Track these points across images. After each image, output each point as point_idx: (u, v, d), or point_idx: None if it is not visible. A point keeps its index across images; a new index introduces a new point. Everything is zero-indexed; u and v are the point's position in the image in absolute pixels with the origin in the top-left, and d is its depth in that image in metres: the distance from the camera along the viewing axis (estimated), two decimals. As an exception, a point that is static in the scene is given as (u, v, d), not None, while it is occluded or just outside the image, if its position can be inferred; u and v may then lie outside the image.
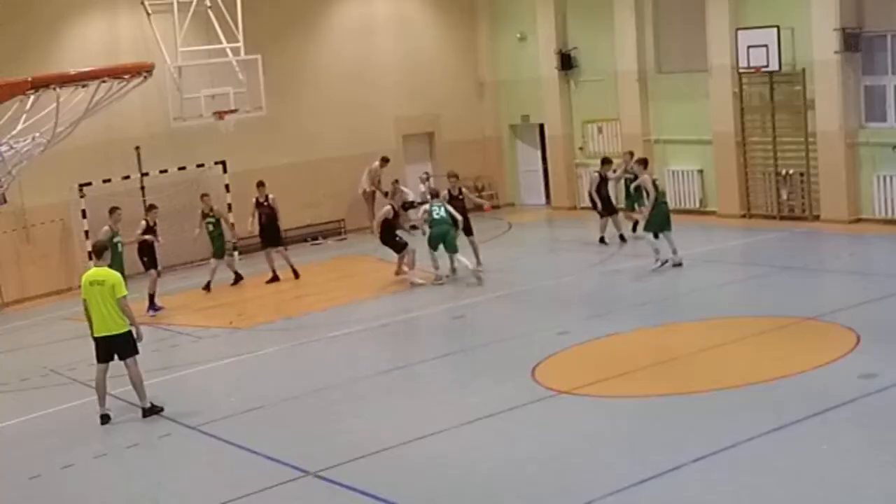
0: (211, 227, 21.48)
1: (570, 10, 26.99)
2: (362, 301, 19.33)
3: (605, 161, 23.10)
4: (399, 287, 20.11)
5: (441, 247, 19.68)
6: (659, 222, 19.24)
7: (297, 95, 25.97)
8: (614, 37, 25.74)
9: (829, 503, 9.32)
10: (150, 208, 20.82)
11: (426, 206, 20.24)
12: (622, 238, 22.21)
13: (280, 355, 16.49)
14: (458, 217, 20.15)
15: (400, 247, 20.24)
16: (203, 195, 21.91)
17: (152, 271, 20.11)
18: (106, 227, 18.92)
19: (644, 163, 20.21)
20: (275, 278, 21.59)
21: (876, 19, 21.61)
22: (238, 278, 21.84)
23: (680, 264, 19.03)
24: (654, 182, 19.54)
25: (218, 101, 23.22)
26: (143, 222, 20.23)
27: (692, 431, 11.11)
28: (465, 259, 19.92)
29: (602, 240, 22.17)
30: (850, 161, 22.11)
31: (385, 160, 26.21)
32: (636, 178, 21.88)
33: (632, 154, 22.96)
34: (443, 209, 19.85)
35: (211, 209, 21.60)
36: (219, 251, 21.56)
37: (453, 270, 20.14)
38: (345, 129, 26.58)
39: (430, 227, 19.82)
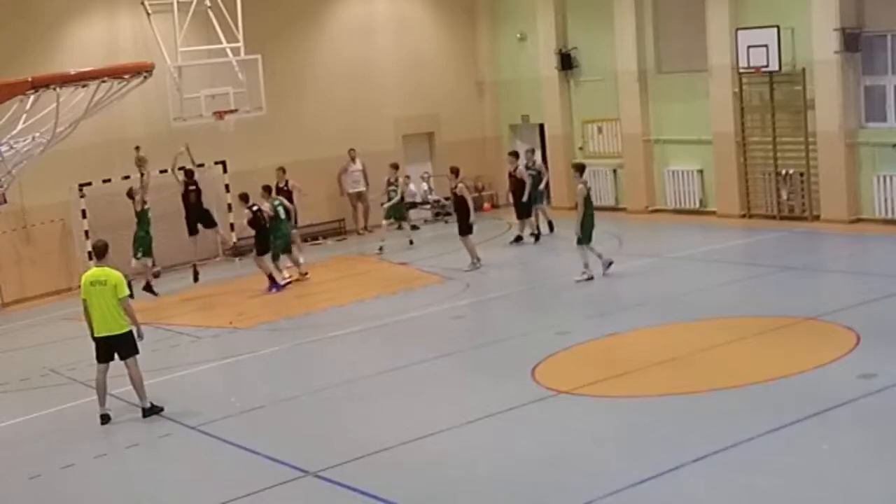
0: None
1: (570, 10, 26.98)
2: (362, 301, 19.32)
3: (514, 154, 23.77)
4: (399, 287, 20.12)
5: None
6: (589, 234, 18.67)
7: (297, 95, 25.96)
8: (614, 37, 25.74)
9: (828, 503, 9.33)
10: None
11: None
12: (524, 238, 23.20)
13: (280, 355, 16.49)
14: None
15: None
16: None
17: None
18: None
19: (581, 169, 19.14)
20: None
21: (876, 19, 21.61)
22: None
23: (591, 278, 18.58)
24: (588, 192, 18.80)
25: (218, 101, 23.18)
26: None
27: (692, 431, 11.12)
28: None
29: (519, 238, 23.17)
30: (850, 161, 22.09)
31: (351, 150, 26.55)
32: (539, 174, 22.99)
33: (533, 150, 24.12)
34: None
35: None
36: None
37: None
38: (345, 129, 26.57)
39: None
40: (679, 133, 25.04)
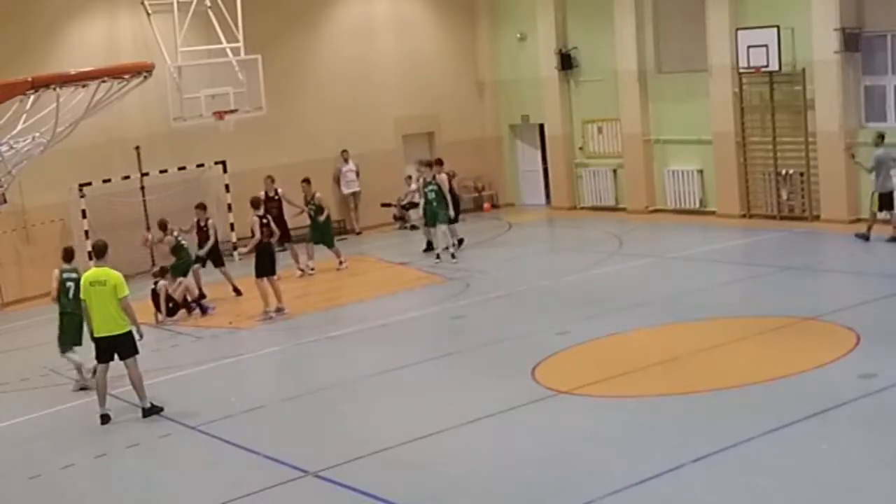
0: (312, 214, 22.09)
1: (570, 10, 26.99)
2: (362, 301, 19.32)
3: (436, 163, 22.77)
4: (399, 287, 20.11)
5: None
6: (73, 335, 14.86)
7: (297, 95, 25.96)
8: (614, 37, 25.74)
9: (828, 503, 9.33)
10: (199, 207, 20.74)
11: None
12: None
13: (280, 355, 16.49)
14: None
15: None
16: (304, 181, 22.36)
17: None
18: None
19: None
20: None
21: (876, 19, 21.61)
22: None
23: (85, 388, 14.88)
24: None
25: (218, 101, 23.19)
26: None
27: (692, 431, 11.12)
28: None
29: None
30: (851, 161, 22.08)
31: (344, 152, 26.55)
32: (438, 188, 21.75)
33: (430, 164, 22.57)
34: None
35: (313, 196, 22.21)
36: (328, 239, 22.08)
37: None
38: (345, 129, 26.58)
39: None
40: (679, 133, 25.04)
